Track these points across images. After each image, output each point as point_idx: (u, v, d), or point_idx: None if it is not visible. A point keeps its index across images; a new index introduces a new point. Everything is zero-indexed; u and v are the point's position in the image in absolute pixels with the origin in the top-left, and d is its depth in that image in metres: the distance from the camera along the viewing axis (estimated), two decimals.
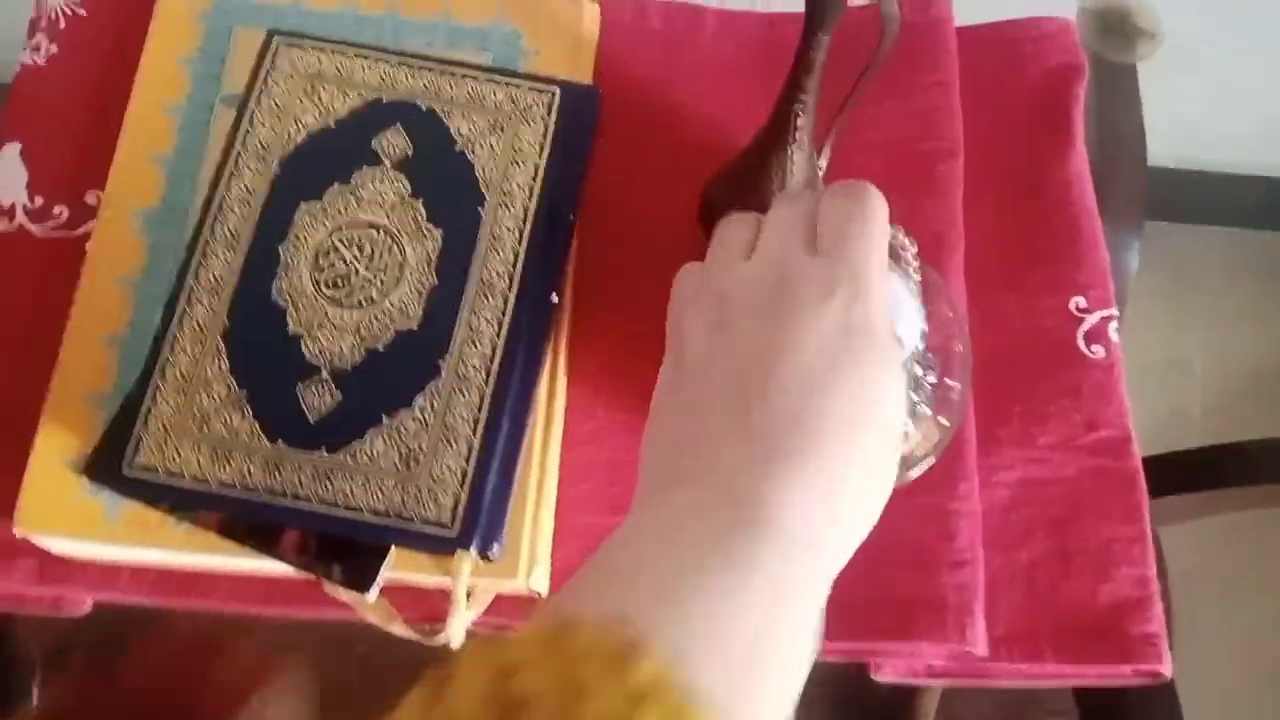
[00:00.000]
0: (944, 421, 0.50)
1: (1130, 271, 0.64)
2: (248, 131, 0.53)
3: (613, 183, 0.57)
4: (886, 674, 0.53)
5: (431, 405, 0.49)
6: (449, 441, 0.48)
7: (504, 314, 0.51)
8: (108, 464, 0.48)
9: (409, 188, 0.53)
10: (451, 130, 0.54)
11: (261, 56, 0.55)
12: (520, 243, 0.52)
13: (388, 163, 0.53)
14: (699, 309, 0.40)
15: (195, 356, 0.49)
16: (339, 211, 0.52)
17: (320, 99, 0.54)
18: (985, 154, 0.60)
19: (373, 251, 0.52)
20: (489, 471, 0.48)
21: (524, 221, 0.53)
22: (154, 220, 0.54)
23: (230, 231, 0.52)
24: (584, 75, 0.58)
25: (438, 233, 0.52)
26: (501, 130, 0.54)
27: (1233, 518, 0.69)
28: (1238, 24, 0.86)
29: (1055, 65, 0.61)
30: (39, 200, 0.57)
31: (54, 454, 0.49)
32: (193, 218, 0.53)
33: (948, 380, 0.51)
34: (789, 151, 0.50)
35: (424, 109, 0.55)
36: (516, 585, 0.49)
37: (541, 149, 0.54)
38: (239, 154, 0.53)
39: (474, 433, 0.49)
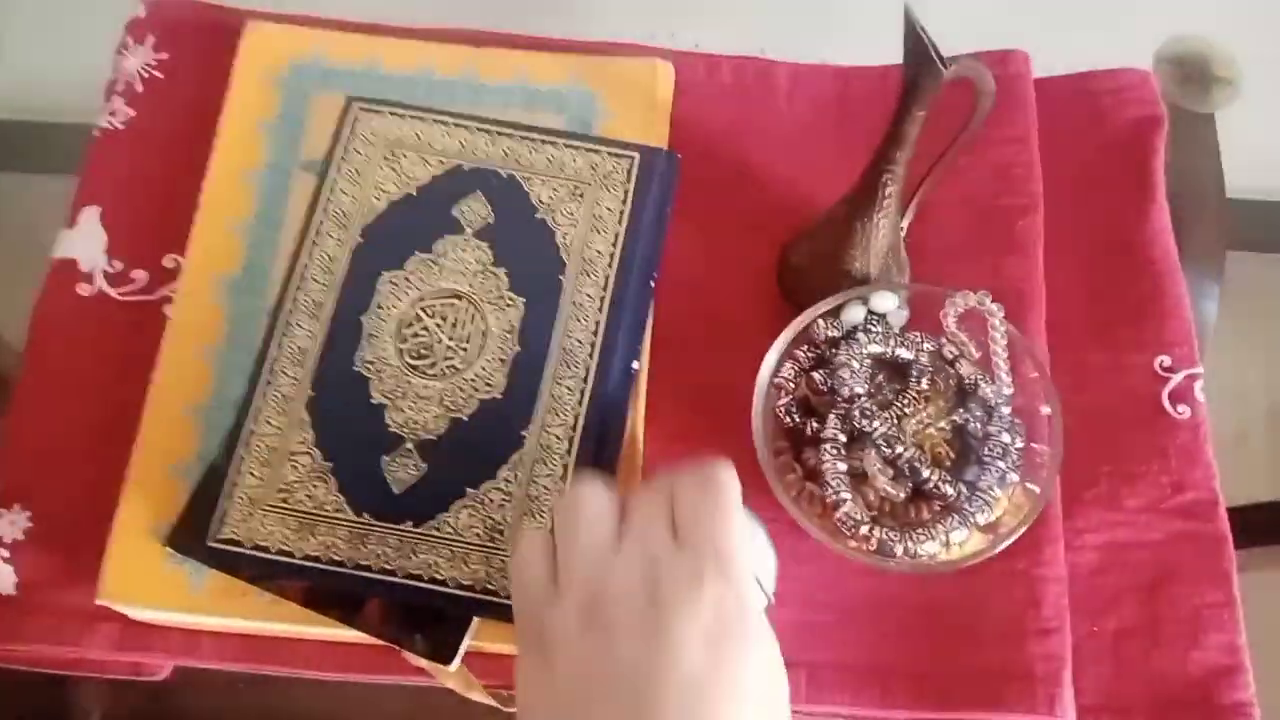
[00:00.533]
0: (1033, 488, 0.49)
1: (1210, 322, 0.63)
2: (329, 199, 0.54)
3: (689, 243, 0.57)
4: None
5: (515, 476, 0.49)
6: (533, 514, 0.48)
7: (586, 382, 0.51)
8: (192, 536, 0.48)
9: (491, 256, 0.53)
10: (532, 197, 0.54)
11: (341, 123, 0.56)
12: (601, 310, 0.52)
13: (469, 230, 0.53)
14: (568, 605, 0.38)
15: (280, 428, 0.49)
16: (421, 280, 0.52)
17: (400, 166, 0.55)
18: (1066, 209, 0.59)
19: (455, 320, 0.52)
20: None
21: (605, 289, 0.53)
22: (235, 288, 0.54)
23: (313, 301, 0.52)
24: (660, 135, 0.58)
25: (520, 301, 0.52)
26: (581, 196, 0.54)
27: None
28: None
29: (1135, 118, 0.60)
30: (118, 264, 0.57)
31: (137, 523, 0.50)
32: (274, 285, 0.53)
33: (1034, 445, 0.51)
34: (875, 219, 0.49)
35: (504, 175, 0.55)
36: None
37: (622, 215, 0.54)
38: (320, 222, 0.53)
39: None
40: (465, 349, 0.51)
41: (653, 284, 0.54)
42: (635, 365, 0.52)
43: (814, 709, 0.50)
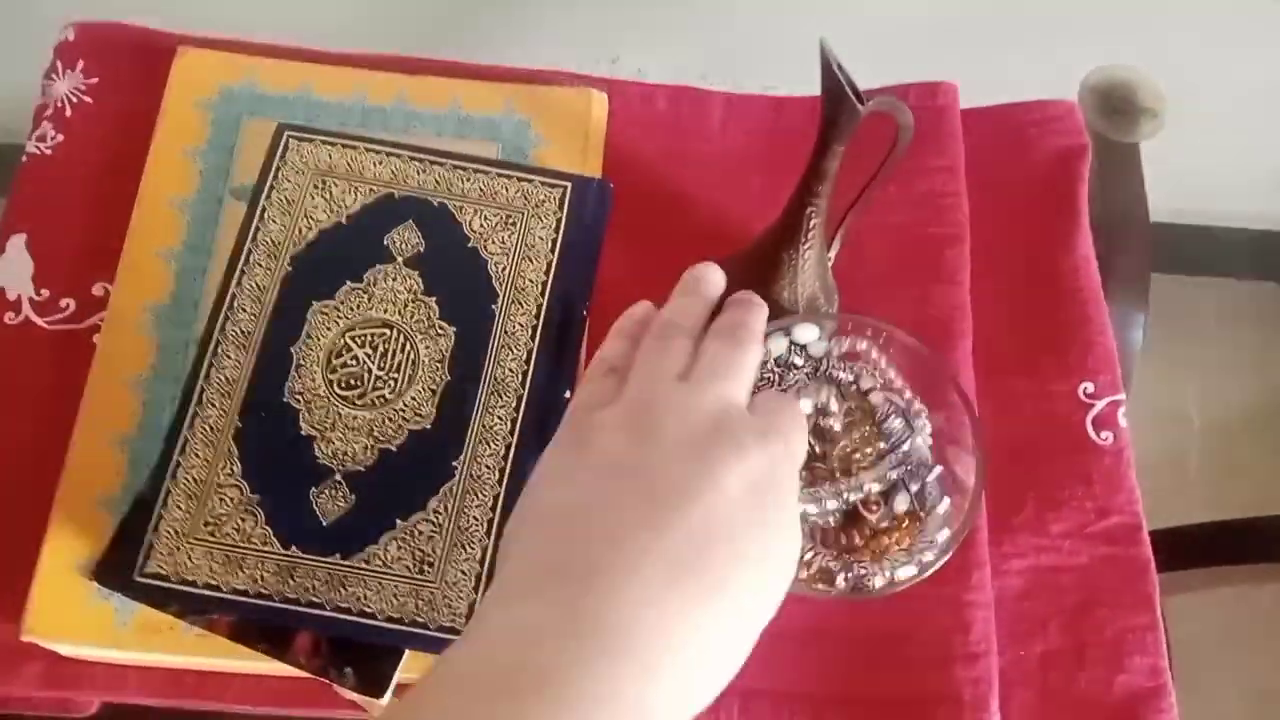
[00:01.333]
0: (963, 513, 0.50)
1: (1135, 348, 0.65)
2: (259, 228, 0.54)
3: (621, 270, 0.57)
4: None
5: (445, 507, 0.49)
6: (462, 545, 0.48)
7: (517, 412, 0.51)
8: (118, 570, 0.48)
9: (422, 284, 0.53)
10: (464, 226, 0.54)
11: (272, 150, 0.55)
12: (533, 339, 0.52)
13: (400, 259, 0.53)
14: (622, 411, 0.38)
15: (207, 460, 0.49)
16: (351, 310, 0.52)
17: (331, 194, 0.54)
18: (992, 238, 0.60)
19: (385, 350, 0.52)
20: None
21: (536, 318, 0.53)
22: (163, 317, 0.53)
23: (242, 331, 0.51)
24: (594, 163, 0.58)
25: (451, 330, 0.52)
26: (514, 225, 0.55)
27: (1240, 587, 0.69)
28: (1227, 85, 0.87)
29: (1060, 147, 0.62)
30: (45, 293, 0.56)
31: (63, 557, 0.49)
32: (203, 314, 0.53)
33: (959, 472, 0.51)
34: (801, 251, 0.50)
35: (436, 204, 0.55)
36: None
37: (554, 244, 0.54)
38: (250, 251, 0.53)
39: (487, 534, 0.49)
40: (395, 379, 0.51)
41: (585, 312, 0.54)
42: (567, 394, 0.52)
43: None
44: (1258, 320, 1.24)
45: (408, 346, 0.52)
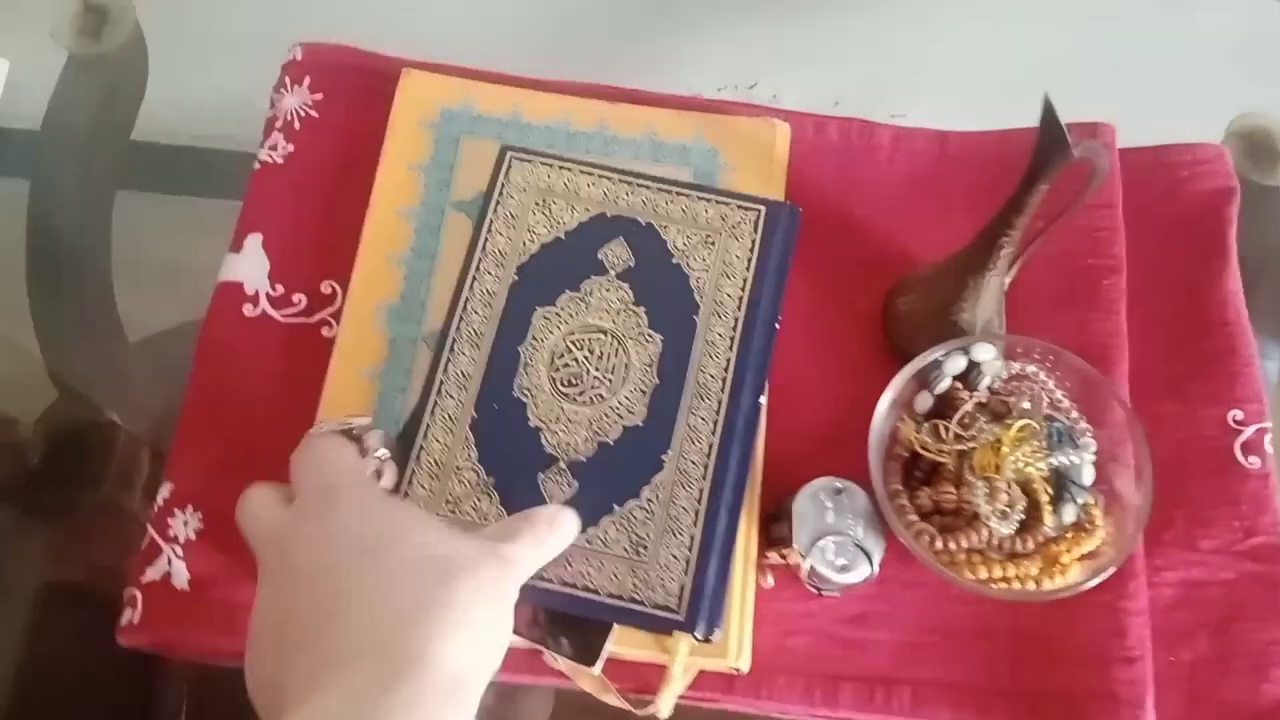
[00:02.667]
0: (1127, 526, 0.54)
1: (1273, 381, 0.68)
2: (487, 239, 0.59)
3: (799, 288, 0.62)
4: None
5: (657, 496, 0.54)
6: (673, 532, 0.53)
7: (719, 415, 0.56)
8: None
9: (632, 296, 0.58)
10: (669, 244, 0.60)
11: (497, 169, 0.61)
12: (731, 349, 0.57)
13: (612, 272, 0.59)
14: (302, 502, 0.48)
15: (447, 445, 0.55)
16: (571, 316, 0.58)
17: (551, 211, 0.60)
18: (1145, 271, 0.64)
19: (601, 353, 0.57)
20: (710, 560, 0.53)
21: (734, 329, 0.58)
22: (394, 315, 0.59)
23: (475, 331, 0.57)
24: (778, 189, 0.63)
25: (658, 338, 0.57)
26: (713, 244, 0.60)
27: None
28: None
29: (1211, 189, 0.66)
30: (279, 288, 0.62)
31: None
32: (429, 313, 0.58)
33: (1124, 487, 0.55)
34: (986, 276, 0.54)
35: (643, 224, 0.60)
36: (725, 664, 0.54)
37: (749, 262, 0.59)
38: (480, 260, 0.59)
39: (695, 523, 0.53)
40: (610, 379, 0.56)
41: (777, 326, 0.59)
42: (763, 400, 0.57)
43: None
44: None
45: (620, 351, 0.57)
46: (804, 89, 0.90)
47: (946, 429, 0.56)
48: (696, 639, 0.52)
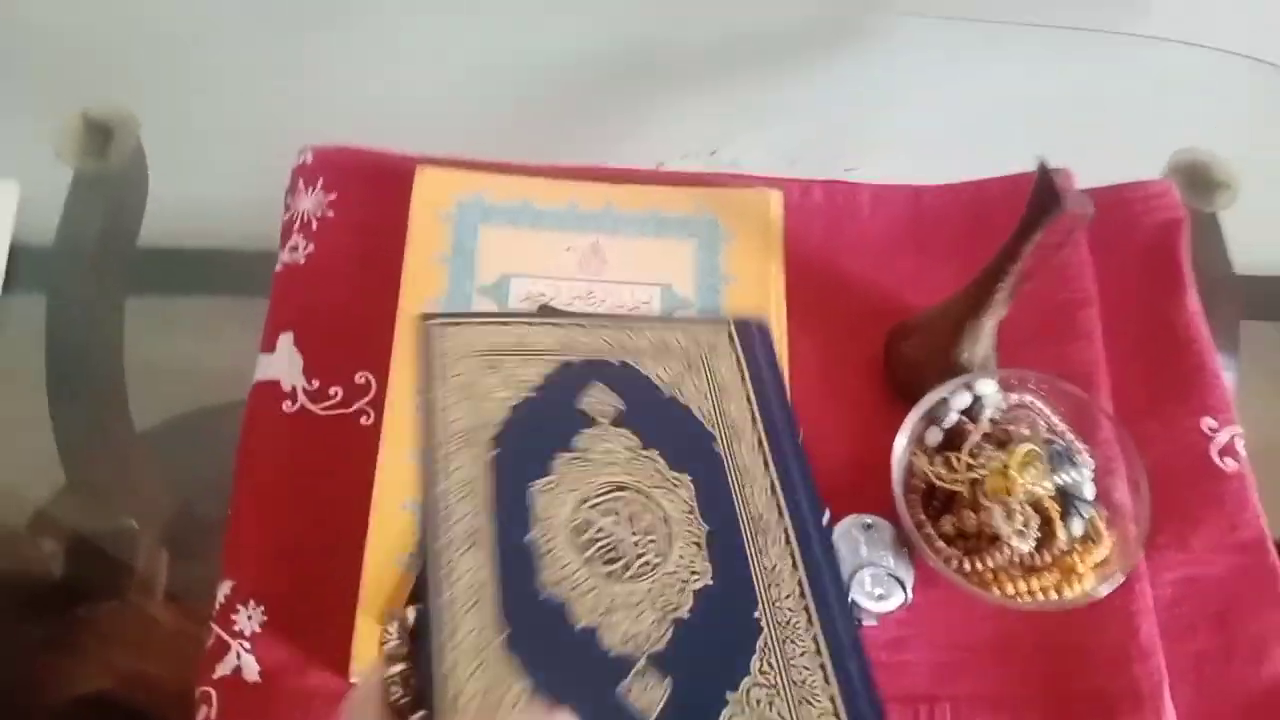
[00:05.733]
0: (1133, 536, 0.59)
1: (1232, 388, 0.74)
2: (443, 422, 0.50)
3: (805, 342, 0.67)
4: None
5: (770, 664, 0.46)
6: (808, 701, 0.46)
7: (789, 545, 0.50)
8: None
9: (638, 440, 0.51)
10: (652, 378, 0.54)
11: (423, 346, 0.53)
12: (768, 470, 0.52)
13: (604, 420, 0.51)
14: None
15: (487, 679, 0.42)
16: (577, 481, 0.49)
17: (507, 371, 0.52)
18: (1115, 300, 0.70)
19: (630, 514, 0.49)
20: (861, 711, 0.46)
21: (760, 448, 0.53)
22: None
23: (465, 533, 0.46)
24: (776, 250, 0.68)
25: (685, 478, 0.50)
26: (697, 368, 0.55)
27: None
28: None
29: (1164, 220, 0.73)
30: (315, 382, 0.65)
31: (376, 605, 0.57)
32: None
33: (1122, 497, 0.61)
34: (982, 318, 0.60)
35: (617, 363, 0.54)
36: None
37: (743, 377, 0.55)
38: (442, 445, 0.49)
39: (827, 681, 0.46)
40: (653, 541, 0.48)
41: (800, 439, 0.54)
42: (826, 516, 0.52)
43: None
44: None
45: (650, 504, 0.49)
46: (761, 151, 0.96)
47: (958, 459, 0.61)
48: None
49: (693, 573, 0.47)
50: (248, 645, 0.59)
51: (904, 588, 0.59)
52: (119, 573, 0.75)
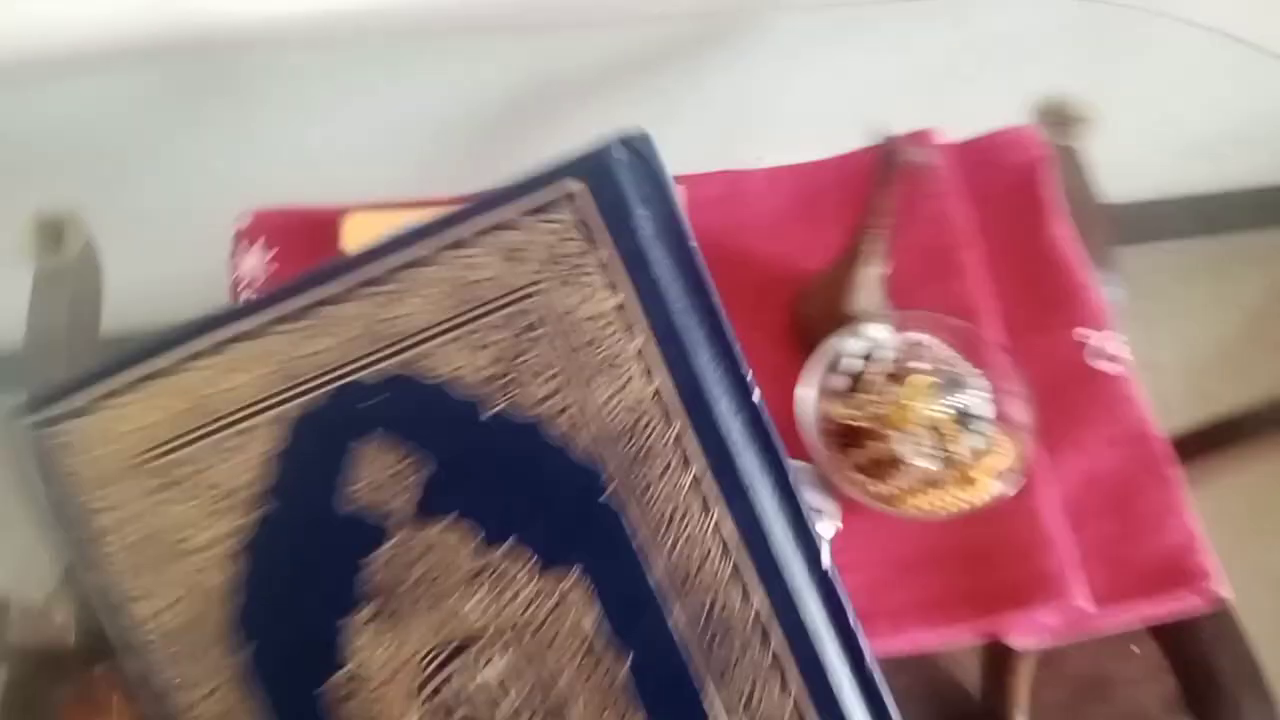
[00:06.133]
0: (1022, 440, 0.66)
1: (1113, 301, 0.82)
2: (135, 626, 0.33)
3: None
4: (1018, 641, 0.68)
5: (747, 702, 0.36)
6: None
7: (766, 646, 0.39)
8: None
9: (477, 539, 0.34)
10: (461, 388, 0.35)
11: (44, 464, 0.36)
12: (708, 514, 0.36)
13: (403, 516, 0.33)
14: None
15: None
16: (405, 626, 0.32)
17: (195, 481, 0.34)
18: (996, 236, 0.78)
19: (493, 658, 0.32)
20: None
21: (677, 442, 0.38)
22: None
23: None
24: None
25: (574, 576, 0.33)
26: (536, 341, 0.37)
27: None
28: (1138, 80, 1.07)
29: (1030, 159, 0.81)
30: None
31: None
32: None
33: (1013, 410, 0.68)
34: (865, 270, 0.67)
35: (391, 377, 0.36)
36: None
37: (621, 307, 0.41)
38: (169, 677, 0.34)
39: None
40: (546, 694, 0.33)
41: (750, 380, 0.41)
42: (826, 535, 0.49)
43: (899, 645, 0.66)
44: (1208, 273, 1.47)
45: (525, 635, 0.32)
46: (675, 151, 1.03)
47: (863, 398, 0.68)
48: None
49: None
50: None
51: (833, 519, 0.66)
52: None
